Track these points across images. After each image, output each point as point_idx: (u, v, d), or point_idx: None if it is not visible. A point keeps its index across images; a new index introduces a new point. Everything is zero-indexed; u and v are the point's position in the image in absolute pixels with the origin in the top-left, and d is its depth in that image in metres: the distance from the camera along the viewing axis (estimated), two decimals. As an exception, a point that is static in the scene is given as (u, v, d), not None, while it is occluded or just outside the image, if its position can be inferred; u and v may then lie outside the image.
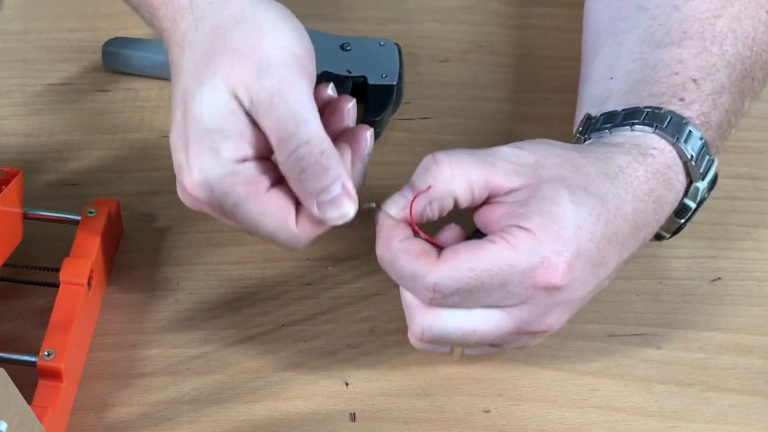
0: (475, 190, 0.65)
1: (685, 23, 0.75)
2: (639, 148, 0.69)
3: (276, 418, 0.71)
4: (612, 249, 0.67)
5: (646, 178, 0.68)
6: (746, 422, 0.72)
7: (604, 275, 0.67)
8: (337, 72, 0.85)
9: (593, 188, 0.66)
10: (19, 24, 0.92)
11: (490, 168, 0.65)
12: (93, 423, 0.71)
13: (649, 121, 0.70)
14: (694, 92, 0.72)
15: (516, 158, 0.66)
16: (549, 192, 0.65)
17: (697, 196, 0.71)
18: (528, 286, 0.64)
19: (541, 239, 0.63)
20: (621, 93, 0.73)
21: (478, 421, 0.72)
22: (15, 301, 0.75)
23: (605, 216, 0.66)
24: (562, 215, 0.64)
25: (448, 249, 0.65)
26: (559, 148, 0.68)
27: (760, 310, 0.77)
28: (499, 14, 0.95)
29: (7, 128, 0.85)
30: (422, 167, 0.66)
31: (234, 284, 0.77)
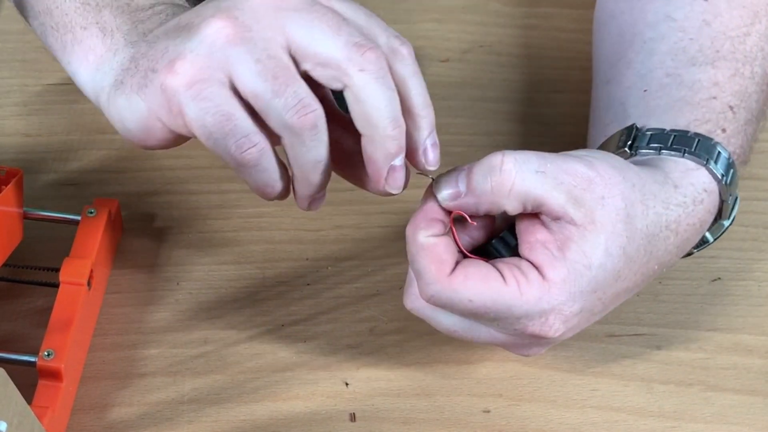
0: (527, 207, 0.63)
1: (717, 41, 0.74)
2: (693, 190, 0.68)
3: (276, 418, 0.71)
4: (617, 300, 0.67)
5: (686, 232, 0.67)
6: (746, 422, 0.72)
7: (597, 319, 0.67)
8: None
9: (631, 249, 0.64)
10: (19, 24, 0.91)
11: (552, 192, 0.62)
12: (93, 423, 0.71)
13: (700, 153, 0.68)
14: (732, 122, 0.71)
15: (585, 186, 0.63)
16: (591, 247, 0.63)
17: (719, 231, 0.72)
18: (518, 329, 0.64)
19: (553, 294, 0.62)
20: (661, 110, 0.72)
21: (478, 421, 0.72)
22: (15, 301, 0.75)
23: (626, 275, 0.65)
24: (589, 279, 0.63)
25: (462, 268, 0.63)
26: (627, 185, 0.64)
27: (760, 310, 0.77)
28: (499, 14, 0.94)
29: (7, 128, 0.85)
30: (486, 166, 0.63)
31: (234, 284, 0.77)
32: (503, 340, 0.66)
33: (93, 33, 0.67)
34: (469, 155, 0.83)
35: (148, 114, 0.62)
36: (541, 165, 0.63)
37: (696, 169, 0.68)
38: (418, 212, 0.65)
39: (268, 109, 0.60)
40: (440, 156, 0.65)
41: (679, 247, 0.68)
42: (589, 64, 0.86)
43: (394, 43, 0.64)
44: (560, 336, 0.65)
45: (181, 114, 0.61)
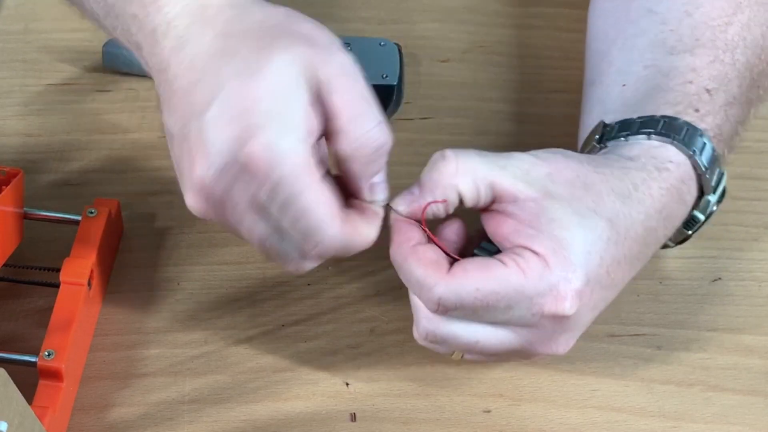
0: (480, 188, 0.65)
1: (697, 30, 0.74)
2: (655, 162, 0.68)
3: (276, 418, 0.71)
4: (621, 271, 0.66)
5: (660, 194, 0.68)
6: (747, 422, 0.72)
7: (612, 296, 0.67)
8: None
9: (604, 210, 0.65)
10: (20, 24, 0.92)
11: (498, 170, 0.65)
12: (93, 423, 0.71)
13: (666, 131, 0.69)
14: (708, 103, 0.71)
15: (527, 166, 0.65)
16: (558, 213, 0.64)
17: (707, 208, 0.71)
18: (535, 312, 0.63)
19: (551, 266, 0.63)
20: (635, 101, 0.72)
21: (478, 421, 0.72)
22: (15, 301, 0.75)
23: (615, 238, 0.65)
24: (571, 240, 0.63)
25: (459, 264, 0.64)
26: (574, 161, 0.67)
27: (761, 310, 0.77)
28: (499, 14, 0.95)
29: (7, 128, 0.85)
30: (430, 162, 0.66)
31: (234, 284, 0.77)
32: (528, 337, 0.65)
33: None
34: (469, 155, 0.84)
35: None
36: (481, 153, 0.66)
37: (659, 146, 0.69)
38: (393, 237, 0.66)
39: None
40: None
41: (662, 213, 0.68)
42: (589, 64, 0.86)
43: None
44: (577, 314, 0.64)
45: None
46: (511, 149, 0.84)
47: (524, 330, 0.65)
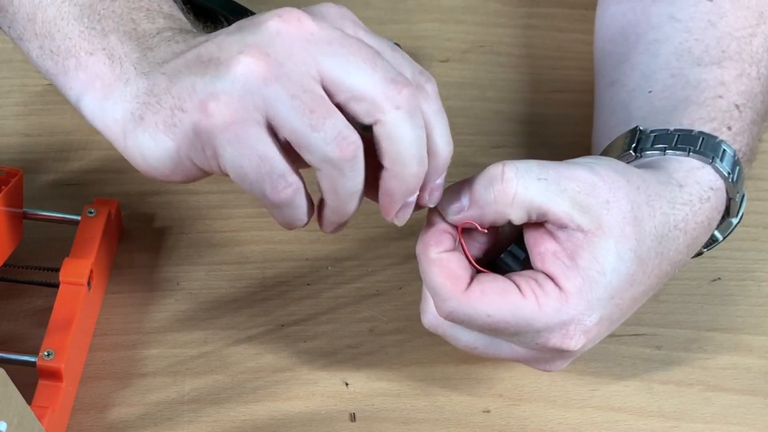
0: (532, 216, 0.63)
1: (723, 41, 0.74)
2: (699, 189, 0.67)
3: (276, 418, 0.71)
4: (635, 305, 0.67)
5: (693, 229, 0.67)
6: (746, 422, 0.72)
7: (617, 326, 0.67)
8: None
9: (641, 251, 0.64)
10: (19, 24, 0.91)
11: (555, 197, 0.62)
12: (93, 423, 0.71)
13: (705, 151, 0.68)
14: (738, 121, 0.71)
15: (588, 192, 0.63)
16: (602, 253, 0.62)
17: (728, 229, 0.72)
18: (540, 343, 0.63)
19: (570, 304, 0.62)
20: (665, 110, 0.72)
21: (478, 421, 0.72)
22: (15, 301, 0.75)
23: (640, 278, 0.64)
24: (605, 285, 0.62)
25: (477, 284, 0.63)
26: (633, 187, 0.64)
27: (760, 310, 0.77)
28: (499, 14, 0.94)
29: (7, 128, 0.85)
30: (488, 178, 0.63)
31: (234, 284, 0.77)
32: (525, 355, 0.66)
33: (100, 59, 0.64)
34: (469, 155, 0.84)
35: (177, 153, 0.61)
36: (543, 172, 0.63)
37: (701, 167, 0.68)
38: (426, 230, 0.65)
39: (307, 145, 0.58)
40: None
41: (689, 246, 0.68)
42: (589, 64, 0.86)
43: (420, 79, 0.63)
44: (582, 348, 0.64)
45: (216, 156, 0.59)
46: (511, 149, 0.85)
47: (523, 350, 0.65)
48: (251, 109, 0.58)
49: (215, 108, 0.58)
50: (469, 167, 0.82)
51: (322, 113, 0.58)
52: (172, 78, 0.61)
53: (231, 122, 0.58)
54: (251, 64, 0.58)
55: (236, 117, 0.58)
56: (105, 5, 0.66)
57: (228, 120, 0.58)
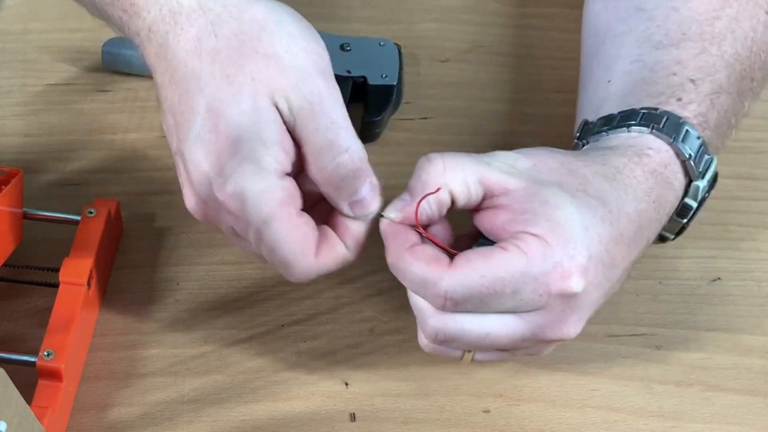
0: (470, 186, 0.65)
1: (684, 24, 0.74)
2: (634, 149, 0.69)
3: (276, 418, 0.71)
4: (620, 250, 0.66)
5: (644, 177, 0.68)
6: (746, 422, 0.72)
7: (615, 277, 0.67)
8: (337, 72, 0.84)
9: (592, 190, 0.66)
10: (19, 24, 0.92)
11: (484, 166, 0.65)
12: (93, 423, 0.71)
13: (646, 122, 0.70)
14: (691, 92, 0.72)
15: (512, 161, 0.66)
16: (549, 196, 0.64)
17: (697, 195, 0.71)
18: (542, 293, 0.63)
19: (552, 244, 0.63)
20: (619, 96, 0.73)
21: (477, 421, 0.72)
22: (15, 301, 0.75)
23: (609, 217, 0.65)
24: (567, 217, 0.64)
25: (460, 256, 0.64)
26: (556, 153, 0.68)
27: (760, 310, 0.77)
28: (499, 14, 0.95)
29: (7, 128, 0.85)
30: (417, 168, 0.66)
31: (234, 284, 0.77)
32: (538, 321, 0.65)
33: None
34: (469, 155, 0.84)
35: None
36: (467, 154, 0.66)
37: (638, 136, 0.69)
38: (388, 243, 0.66)
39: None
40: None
41: (650, 195, 0.68)
42: (589, 64, 0.86)
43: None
44: (585, 293, 0.64)
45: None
46: (511, 149, 0.85)
47: (533, 315, 0.65)
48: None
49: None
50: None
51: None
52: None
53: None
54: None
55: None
56: None
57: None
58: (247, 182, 0.63)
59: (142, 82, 0.87)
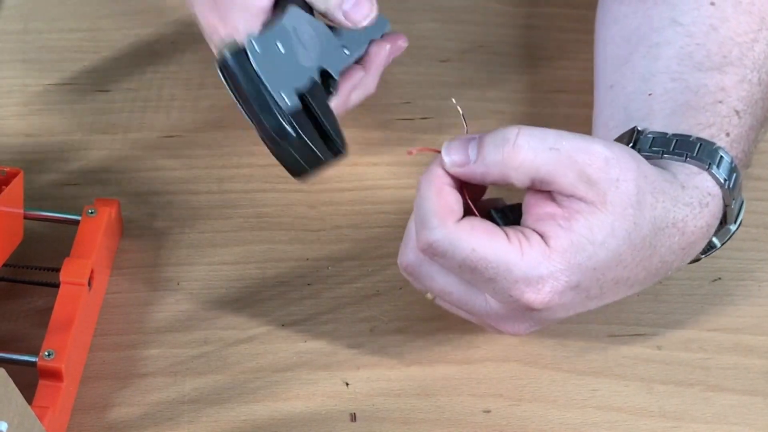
0: (536, 184, 0.64)
1: (725, 47, 0.74)
2: (699, 194, 0.68)
3: (276, 418, 0.71)
4: (616, 290, 0.66)
5: (693, 234, 0.67)
6: (747, 422, 0.72)
7: (593, 306, 0.67)
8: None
9: (636, 237, 0.64)
10: (20, 24, 0.92)
11: (564, 171, 0.63)
12: (93, 423, 0.71)
13: (702, 157, 0.68)
14: (737, 127, 0.71)
15: (600, 166, 0.63)
16: (597, 225, 0.63)
17: (725, 236, 0.72)
18: (512, 295, 0.63)
19: (552, 260, 0.63)
20: (664, 114, 0.72)
21: (478, 421, 0.72)
22: (15, 301, 0.75)
23: (627, 262, 0.65)
24: (590, 254, 0.63)
25: (468, 220, 0.64)
26: (640, 174, 0.64)
27: (761, 310, 0.77)
28: (499, 14, 0.95)
29: (7, 128, 0.85)
30: (500, 138, 0.64)
31: (234, 284, 0.77)
32: (496, 311, 0.66)
33: None
34: (469, 155, 0.83)
35: None
36: (557, 142, 0.63)
37: (699, 173, 0.68)
38: (433, 164, 0.66)
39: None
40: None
41: (685, 250, 0.68)
42: (589, 64, 0.86)
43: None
44: (550, 311, 0.64)
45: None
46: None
47: (494, 303, 0.66)
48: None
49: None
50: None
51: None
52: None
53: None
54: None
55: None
56: None
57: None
58: (238, 21, 0.72)
59: (142, 81, 0.88)
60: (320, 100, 0.73)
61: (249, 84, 0.71)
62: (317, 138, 0.72)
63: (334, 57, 0.76)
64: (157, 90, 0.87)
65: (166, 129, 0.85)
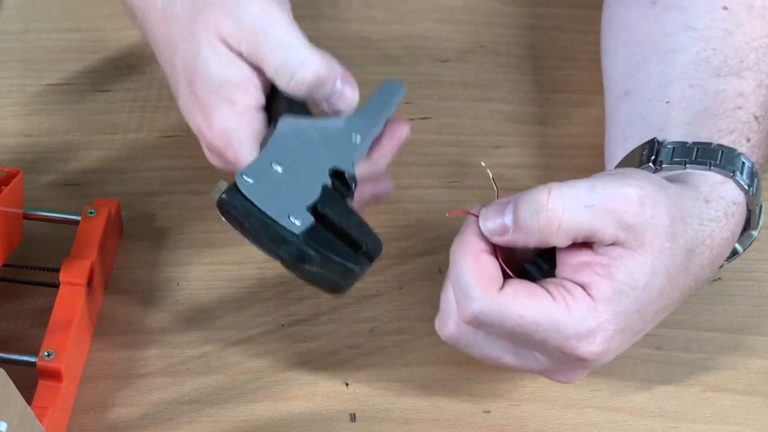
0: (577, 240, 0.63)
1: (741, 51, 0.73)
2: (724, 204, 0.67)
3: (276, 418, 0.71)
4: (657, 318, 0.66)
5: (720, 246, 0.67)
6: (746, 422, 0.72)
7: (637, 339, 0.66)
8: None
9: (673, 268, 0.64)
10: (19, 24, 0.92)
11: (603, 223, 0.62)
12: (93, 423, 0.71)
13: (726, 165, 0.68)
14: (756, 132, 0.70)
15: (636, 211, 0.62)
16: (639, 268, 0.62)
17: (748, 241, 0.71)
18: (565, 351, 0.63)
19: (599, 313, 0.62)
20: (684, 122, 0.71)
21: (478, 422, 0.72)
22: (15, 302, 0.75)
23: (667, 293, 0.64)
24: (633, 299, 0.62)
25: (510, 285, 0.63)
26: (671, 204, 0.64)
27: (761, 310, 0.77)
28: (499, 14, 0.94)
29: (7, 128, 0.85)
30: (533, 203, 0.62)
31: (234, 284, 0.77)
32: (549, 366, 0.65)
33: None
34: (469, 155, 0.84)
35: None
36: (590, 197, 0.62)
37: (723, 182, 0.68)
38: (465, 229, 0.64)
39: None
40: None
41: (714, 262, 0.68)
42: (590, 64, 0.86)
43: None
44: (603, 357, 0.64)
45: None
46: (512, 149, 0.85)
47: (547, 359, 0.65)
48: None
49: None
50: (469, 168, 0.83)
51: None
52: None
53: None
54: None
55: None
56: None
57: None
58: (225, 120, 0.69)
59: (142, 81, 0.88)
60: (336, 206, 0.67)
61: (251, 220, 0.65)
62: (344, 249, 0.66)
63: (344, 150, 0.70)
64: (156, 90, 0.87)
65: (166, 129, 0.85)
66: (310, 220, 0.66)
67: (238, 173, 0.66)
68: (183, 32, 0.69)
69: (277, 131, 0.69)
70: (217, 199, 0.66)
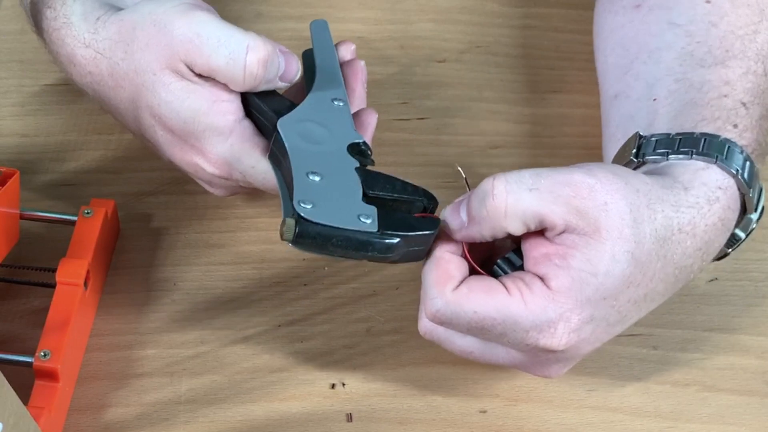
0: (530, 226, 0.63)
1: (726, 41, 0.73)
2: (706, 191, 0.66)
3: (272, 418, 0.71)
4: (637, 309, 0.65)
5: (705, 233, 0.66)
6: (743, 422, 0.72)
7: (620, 330, 0.66)
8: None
9: (640, 254, 0.63)
10: (17, 24, 0.91)
11: (550, 204, 0.62)
12: (89, 423, 0.71)
13: (708, 151, 0.67)
14: (745, 118, 0.70)
15: (585, 195, 0.62)
16: (596, 255, 0.62)
17: (748, 226, 0.71)
18: (528, 343, 0.63)
19: (558, 303, 0.62)
20: (669, 116, 0.71)
21: (474, 422, 0.72)
22: (11, 302, 0.75)
23: (639, 280, 0.64)
24: (596, 285, 0.62)
25: (465, 283, 0.63)
26: (630, 190, 0.63)
27: (757, 310, 0.77)
28: (496, 14, 0.94)
29: (4, 129, 0.85)
30: (481, 193, 0.63)
31: (231, 284, 0.77)
32: (521, 359, 0.66)
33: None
34: (466, 155, 0.84)
35: None
36: (535, 182, 0.62)
37: (706, 168, 0.67)
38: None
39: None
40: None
41: (702, 250, 0.67)
42: (586, 64, 0.86)
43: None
44: (574, 348, 0.63)
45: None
46: (509, 149, 0.85)
47: (516, 353, 0.65)
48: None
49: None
50: (467, 168, 0.82)
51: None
52: None
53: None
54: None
55: None
56: None
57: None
58: (216, 147, 0.70)
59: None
60: (377, 181, 0.68)
61: (332, 241, 0.64)
62: (412, 220, 0.66)
63: (339, 121, 0.71)
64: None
65: (163, 129, 0.85)
66: (374, 212, 0.66)
67: (296, 202, 0.64)
68: (136, 86, 0.70)
69: (284, 141, 0.68)
70: (292, 238, 0.64)
